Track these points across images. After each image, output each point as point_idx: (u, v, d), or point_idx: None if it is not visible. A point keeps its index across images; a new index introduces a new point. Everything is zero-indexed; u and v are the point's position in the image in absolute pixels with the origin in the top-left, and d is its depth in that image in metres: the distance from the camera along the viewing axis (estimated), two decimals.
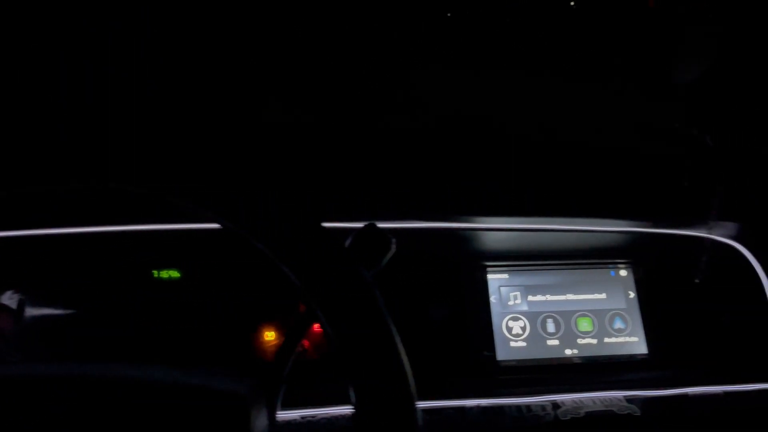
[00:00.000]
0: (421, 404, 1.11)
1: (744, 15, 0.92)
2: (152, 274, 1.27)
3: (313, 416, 1.09)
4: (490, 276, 1.28)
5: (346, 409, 1.10)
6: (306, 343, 1.21)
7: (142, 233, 1.19)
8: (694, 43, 0.92)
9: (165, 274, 1.28)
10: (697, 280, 1.31)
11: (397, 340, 0.66)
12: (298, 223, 0.69)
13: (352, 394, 0.62)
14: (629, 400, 1.17)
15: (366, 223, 0.92)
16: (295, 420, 1.08)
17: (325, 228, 0.68)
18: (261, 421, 0.69)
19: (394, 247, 0.97)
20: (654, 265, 1.33)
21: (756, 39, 0.95)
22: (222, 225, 0.67)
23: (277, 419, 0.93)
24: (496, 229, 1.24)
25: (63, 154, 0.63)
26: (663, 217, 1.26)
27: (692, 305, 1.31)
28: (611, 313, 1.29)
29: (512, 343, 1.24)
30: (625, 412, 1.14)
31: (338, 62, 0.90)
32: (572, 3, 1.02)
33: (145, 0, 0.86)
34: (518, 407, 1.14)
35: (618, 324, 1.28)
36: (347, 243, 0.96)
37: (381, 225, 1.16)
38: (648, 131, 1.03)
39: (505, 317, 1.26)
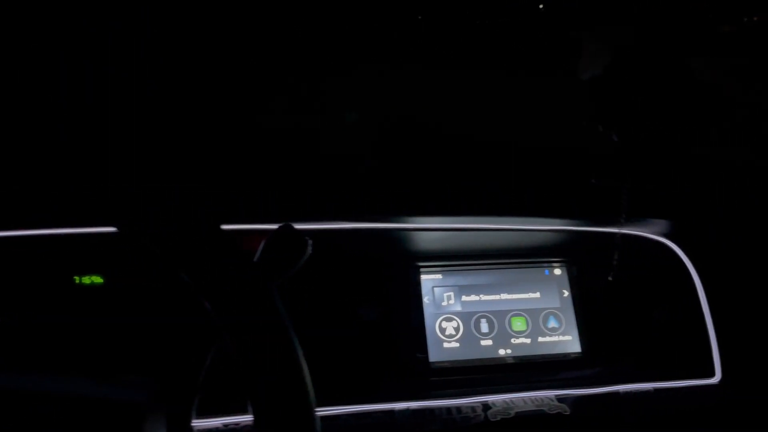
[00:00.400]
0: (349, 408, 1.10)
1: (651, 15, 0.93)
2: (74, 279, 1.23)
3: (236, 423, 1.06)
4: (423, 276, 1.26)
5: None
6: None
7: (63, 237, 1.14)
8: (599, 42, 0.92)
9: (87, 279, 1.24)
10: (627, 278, 1.32)
11: (297, 349, 0.64)
12: (194, 227, 0.67)
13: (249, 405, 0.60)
14: (560, 399, 1.16)
15: (281, 224, 0.89)
16: (216, 428, 1.05)
17: (224, 232, 0.66)
18: (158, 429, 0.66)
19: (310, 249, 0.95)
20: (588, 263, 1.33)
21: (663, 36, 0.96)
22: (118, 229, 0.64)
23: (195, 428, 0.90)
24: (428, 229, 1.22)
25: None
26: (595, 215, 1.26)
27: (625, 303, 1.31)
28: (545, 312, 1.28)
29: (445, 344, 1.23)
30: (555, 412, 1.14)
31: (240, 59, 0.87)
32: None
33: None
34: (448, 409, 1.12)
35: (552, 323, 1.27)
36: (261, 246, 0.93)
37: (313, 226, 1.15)
38: (564, 129, 1.03)
39: (438, 318, 1.24)
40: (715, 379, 1.25)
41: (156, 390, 0.68)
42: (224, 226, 0.94)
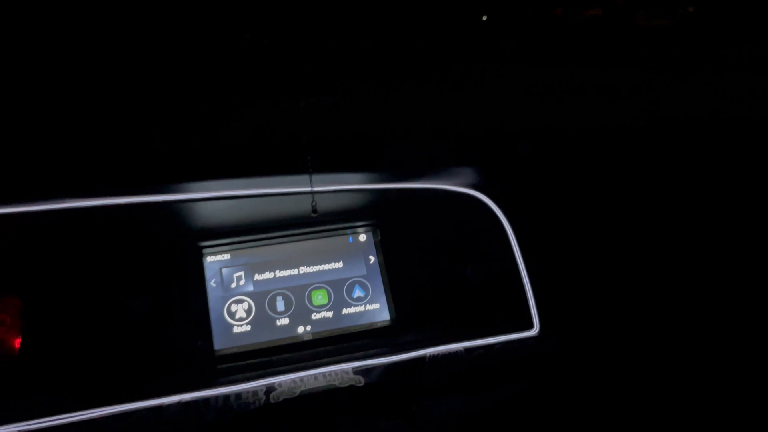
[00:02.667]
0: (108, 410, 0.97)
1: None
2: None
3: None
4: (208, 258, 1.15)
5: (10, 429, 0.93)
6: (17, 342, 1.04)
7: None
8: None
9: None
10: (437, 237, 1.23)
11: None
12: None
13: None
14: (357, 371, 1.06)
15: None
16: None
17: None
18: None
19: None
20: (394, 225, 1.23)
21: None
22: None
23: None
24: (210, 199, 1.09)
25: None
26: (393, 168, 1.16)
27: (437, 263, 1.23)
28: (350, 281, 1.18)
29: (235, 329, 1.11)
30: (347, 385, 1.03)
31: None
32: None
33: None
34: (226, 396, 1.00)
35: (357, 292, 1.17)
36: None
37: (63, 206, 1.01)
38: None
39: (227, 301, 1.13)
40: (534, 331, 1.17)
41: None
42: None
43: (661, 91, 1.15)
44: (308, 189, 1.11)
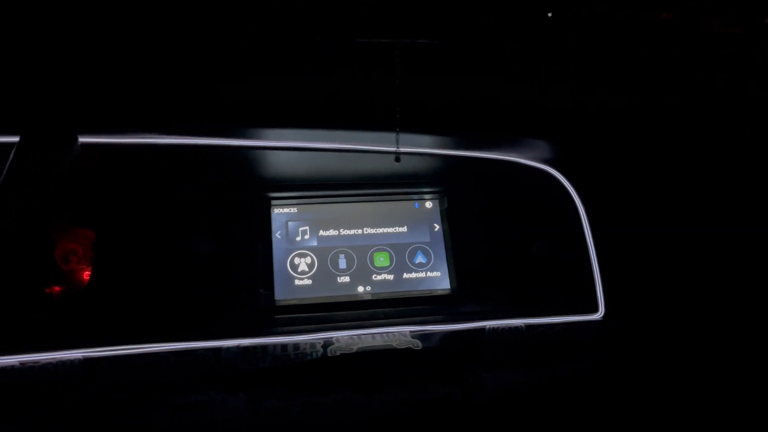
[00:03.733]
0: (170, 346, 0.98)
1: None
2: None
3: (35, 362, 0.94)
4: (276, 210, 1.15)
5: (75, 354, 0.96)
6: (56, 288, 1.07)
7: None
8: None
9: None
10: (505, 211, 1.20)
11: None
12: None
13: None
14: (415, 335, 1.05)
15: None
16: (11, 366, 0.94)
17: None
18: None
19: (77, 150, 0.84)
20: (463, 195, 1.21)
21: None
22: None
23: None
24: (282, 149, 1.09)
25: None
26: (468, 135, 1.13)
27: (502, 237, 1.20)
28: (412, 247, 1.17)
29: (296, 282, 1.11)
30: (405, 347, 1.02)
31: None
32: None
33: None
34: (284, 346, 1.01)
35: (419, 258, 1.16)
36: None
37: (138, 140, 1.03)
38: None
39: (290, 254, 1.13)
40: (598, 315, 1.13)
41: None
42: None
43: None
44: (384, 148, 1.10)
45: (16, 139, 0.89)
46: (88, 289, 1.06)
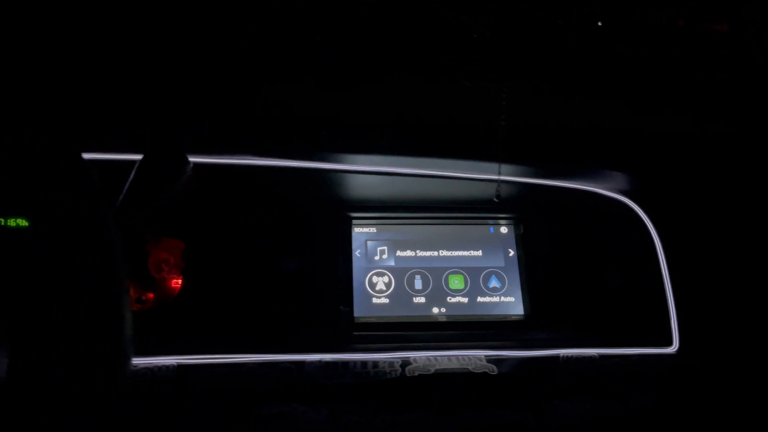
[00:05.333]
0: (256, 357, 1.03)
1: None
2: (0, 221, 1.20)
3: (134, 366, 1.00)
4: (356, 230, 1.19)
5: (169, 360, 1.02)
6: (150, 295, 1.13)
7: None
8: None
9: (12, 222, 1.21)
10: (580, 239, 1.21)
11: (123, 288, 0.58)
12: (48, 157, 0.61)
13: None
14: (490, 359, 1.07)
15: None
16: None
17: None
18: None
19: (189, 171, 0.90)
20: (538, 221, 1.23)
21: None
22: None
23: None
24: (364, 172, 1.14)
25: None
26: (548, 164, 1.15)
27: (577, 265, 1.21)
28: (487, 271, 1.19)
29: (374, 300, 1.15)
30: (481, 371, 1.04)
31: None
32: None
33: None
34: (364, 363, 1.04)
35: (494, 283, 1.18)
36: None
37: (232, 161, 1.09)
38: None
39: (368, 272, 1.17)
40: (672, 349, 1.14)
41: None
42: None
43: None
44: (467, 174, 1.14)
45: (130, 157, 0.96)
46: (179, 297, 1.12)
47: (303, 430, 0.97)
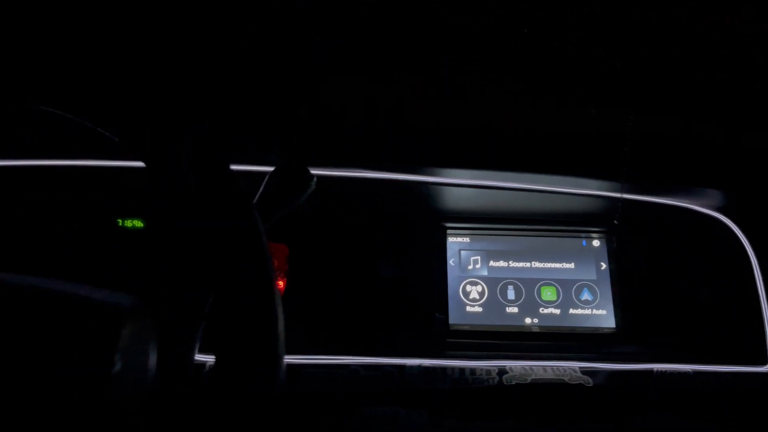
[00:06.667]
0: (360, 359, 1.09)
1: None
2: (117, 222, 1.29)
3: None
4: (450, 239, 1.23)
5: (333, 359, 1.08)
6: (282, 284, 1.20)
7: (107, 172, 1.18)
8: None
9: (129, 223, 1.30)
10: (674, 254, 1.22)
11: (276, 293, 0.61)
12: (201, 161, 0.64)
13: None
14: (585, 371, 1.09)
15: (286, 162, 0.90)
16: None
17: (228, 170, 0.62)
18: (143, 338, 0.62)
19: (314, 185, 0.95)
20: (631, 235, 1.24)
21: None
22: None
23: (198, 360, 0.91)
24: (458, 185, 1.18)
25: None
26: (641, 181, 1.17)
27: (670, 280, 1.22)
28: (579, 283, 1.21)
29: (468, 308, 1.19)
30: (576, 382, 1.07)
31: None
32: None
33: None
34: (462, 369, 1.08)
35: (585, 295, 1.20)
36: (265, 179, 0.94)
37: (336, 173, 1.15)
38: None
39: (462, 281, 1.21)
40: (767, 368, 1.14)
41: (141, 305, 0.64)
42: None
43: None
44: (553, 188, 1.16)
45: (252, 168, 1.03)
46: (283, 299, 1.18)
47: None
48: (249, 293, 0.60)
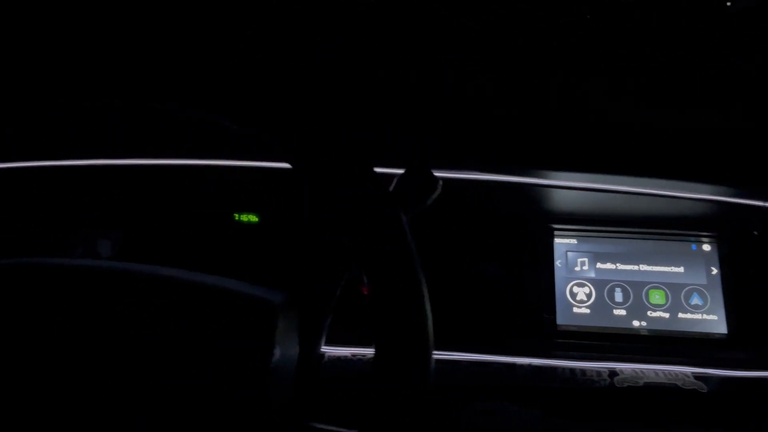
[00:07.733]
0: (471, 356, 1.12)
1: None
2: (233, 216, 1.36)
3: (363, 355, 1.12)
4: (557, 240, 1.25)
5: (449, 355, 1.13)
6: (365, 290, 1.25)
7: (224, 170, 1.25)
8: None
9: (245, 217, 1.37)
10: None
11: (423, 286, 0.62)
12: (348, 162, 0.67)
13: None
14: (698, 377, 1.09)
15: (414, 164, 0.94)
16: (345, 356, 1.12)
17: (373, 170, 0.65)
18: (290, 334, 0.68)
19: (440, 188, 0.99)
20: (743, 241, 1.22)
21: None
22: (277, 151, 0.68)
23: (326, 354, 0.96)
24: (566, 188, 1.19)
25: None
26: (753, 185, 1.15)
27: None
28: (688, 288, 1.21)
29: (575, 309, 1.20)
30: (691, 388, 1.07)
31: None
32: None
33: None
34: (572, 370, 1.10)
35: (695, 300, 1.20)
36: (393, 184, 0.98)
37: (445, 174, 1.18)
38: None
39: (569, 282, 1.22)
40: None
41: (291, 300, 0.68)
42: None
43: None
44: (662, 191, 1.15)
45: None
46: None
47: (515, 429, 1.05)
48: (399, 292, 0.63)
